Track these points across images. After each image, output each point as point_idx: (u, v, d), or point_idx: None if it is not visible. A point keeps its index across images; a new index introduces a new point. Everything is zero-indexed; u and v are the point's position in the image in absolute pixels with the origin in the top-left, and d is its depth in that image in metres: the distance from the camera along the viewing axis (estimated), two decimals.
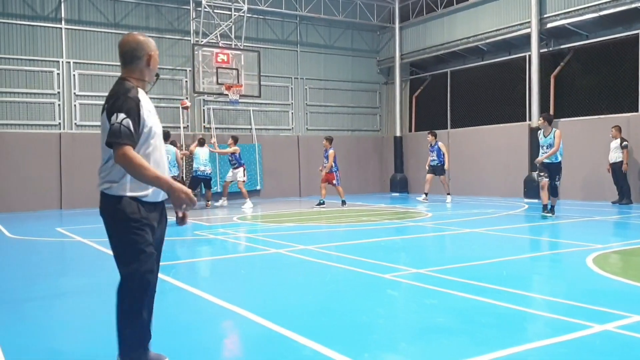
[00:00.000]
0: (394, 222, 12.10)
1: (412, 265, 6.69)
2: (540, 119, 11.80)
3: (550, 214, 11.40)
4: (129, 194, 3.18)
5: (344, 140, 21.32)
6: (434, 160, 16.79)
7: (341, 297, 5.32)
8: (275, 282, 6.09)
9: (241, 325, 4.49)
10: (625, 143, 14.17)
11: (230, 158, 16.39)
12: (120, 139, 2.99)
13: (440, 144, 16.87)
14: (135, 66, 3.29)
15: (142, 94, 3.21)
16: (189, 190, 3.14)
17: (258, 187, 19.52)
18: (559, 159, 11.44)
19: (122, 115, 3.02)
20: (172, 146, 12.13)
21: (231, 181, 16.58)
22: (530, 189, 16.53)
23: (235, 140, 16.25)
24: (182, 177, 12.75)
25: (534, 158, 16.72)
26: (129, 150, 3.02)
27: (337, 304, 5.02)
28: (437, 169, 16.79)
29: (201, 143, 16.27)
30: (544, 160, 11.41)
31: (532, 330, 4.20)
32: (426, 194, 16.69)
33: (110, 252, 3.41)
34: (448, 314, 4.56)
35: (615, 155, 14.27)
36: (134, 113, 3.07)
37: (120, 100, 3.07)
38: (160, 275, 6.29)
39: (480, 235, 9.34)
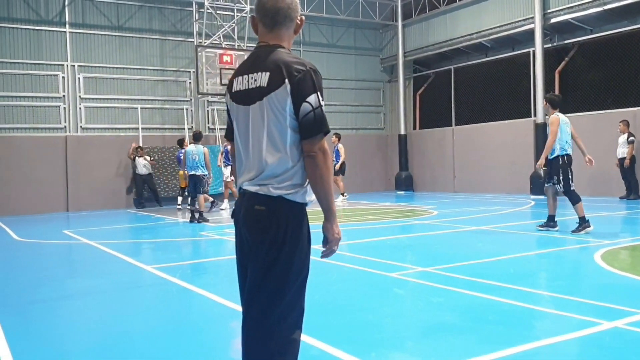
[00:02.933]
0: (400, 220, 12.08)
1: (419, 264, 6.67)
2: (544, 100, 9.12)
3: (548, 227, 8.99)
4: (307, 199, 2.46)
5: (348, 139, 21.27)
6: (334, 161, 16.44)
7: (348, 296, 5.31)
8: None
9: None
10: (631, 138, 14.07)
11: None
12: (327, 126, 2.35)
13: (340, 146, 16.51)
14: (286, 30, 2.50)
15: None
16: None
17: None
18: (555, 153, 8.68)
19: (320, 98, 2.34)
20: (201, 146, 12.32)
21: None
22: (536, 186, 16.45)
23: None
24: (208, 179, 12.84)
25: (539, 154, 16.72)
26: (326, 144, 2.39)
27: (343, 303, 5.01)
28: (335, 170, 16.46)
29: None
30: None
31: (541, 328, 4.18)
32: (342, 194, 16.42)
33: (119, 254, 3.30)
34: (455, 312, 4.55)
35: (623, 151, 14.19)
36: (323, 94, 2.39)
37: (313, 76, 2.34)
38: (166, 276, 6.34)
39: (487, 233, 9.30)
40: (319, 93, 2.33)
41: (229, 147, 15.72)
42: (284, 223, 2.37)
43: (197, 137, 12.51)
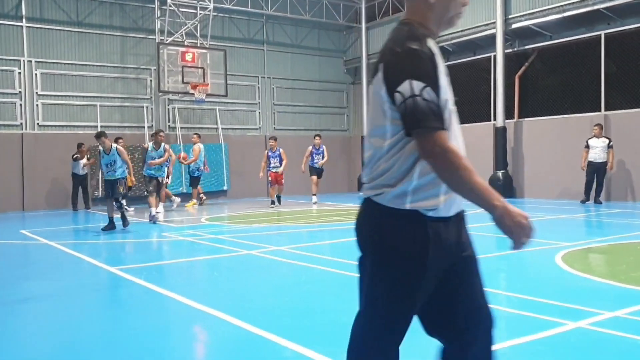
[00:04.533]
0: None
1: None
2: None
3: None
4: (409, 206, 2.02)
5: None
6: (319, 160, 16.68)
7: (319, 297, 5.30)
8: (250, 284, 6.03)
9: (219, 328, 4.43)
10: (612, 143, 14.08)
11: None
12: (429, 121, 1.90)
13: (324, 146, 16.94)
14: (420, 2, 2.12)
15: (435, 47, 2.02)
16: (527, 215, 2.04)
17: (225, 188, 19.35)
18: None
19: (418, 84, 1.90)
20: (113, 145, 11.28)
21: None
22: (495, 189, 16.76)
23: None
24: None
25: (498, 157, 17.10)
26: (445, 138, 1.94)
27: (315, 304, 5.00)
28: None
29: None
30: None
31: (508, 329, 4.25)
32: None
33: (81, 255, 3.19)
34: None
35: (603, 155, 14.02)
36: (433, 78, 1.94)
37: (408, 58, 1.94)
38: (131, 277, 6.21)
39: None
40: (413, 79, 1.90)
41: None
42: (372, 230, 2.09)
43: (99, 135, 11.05)
